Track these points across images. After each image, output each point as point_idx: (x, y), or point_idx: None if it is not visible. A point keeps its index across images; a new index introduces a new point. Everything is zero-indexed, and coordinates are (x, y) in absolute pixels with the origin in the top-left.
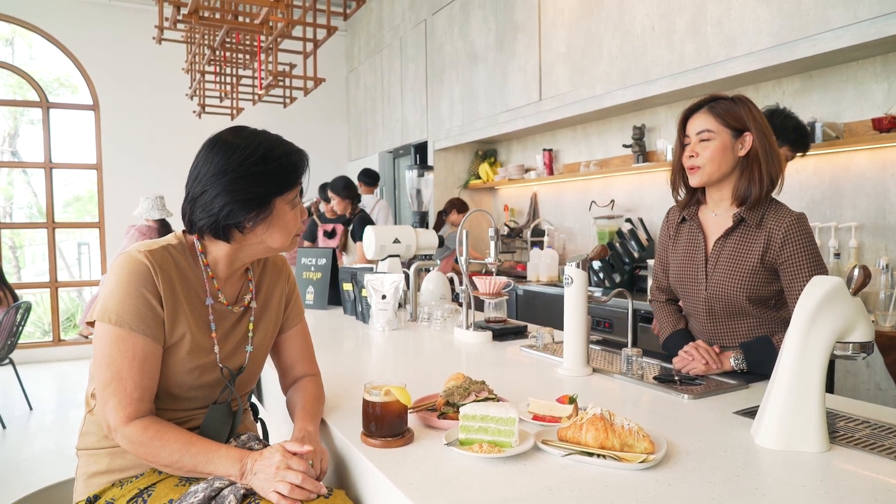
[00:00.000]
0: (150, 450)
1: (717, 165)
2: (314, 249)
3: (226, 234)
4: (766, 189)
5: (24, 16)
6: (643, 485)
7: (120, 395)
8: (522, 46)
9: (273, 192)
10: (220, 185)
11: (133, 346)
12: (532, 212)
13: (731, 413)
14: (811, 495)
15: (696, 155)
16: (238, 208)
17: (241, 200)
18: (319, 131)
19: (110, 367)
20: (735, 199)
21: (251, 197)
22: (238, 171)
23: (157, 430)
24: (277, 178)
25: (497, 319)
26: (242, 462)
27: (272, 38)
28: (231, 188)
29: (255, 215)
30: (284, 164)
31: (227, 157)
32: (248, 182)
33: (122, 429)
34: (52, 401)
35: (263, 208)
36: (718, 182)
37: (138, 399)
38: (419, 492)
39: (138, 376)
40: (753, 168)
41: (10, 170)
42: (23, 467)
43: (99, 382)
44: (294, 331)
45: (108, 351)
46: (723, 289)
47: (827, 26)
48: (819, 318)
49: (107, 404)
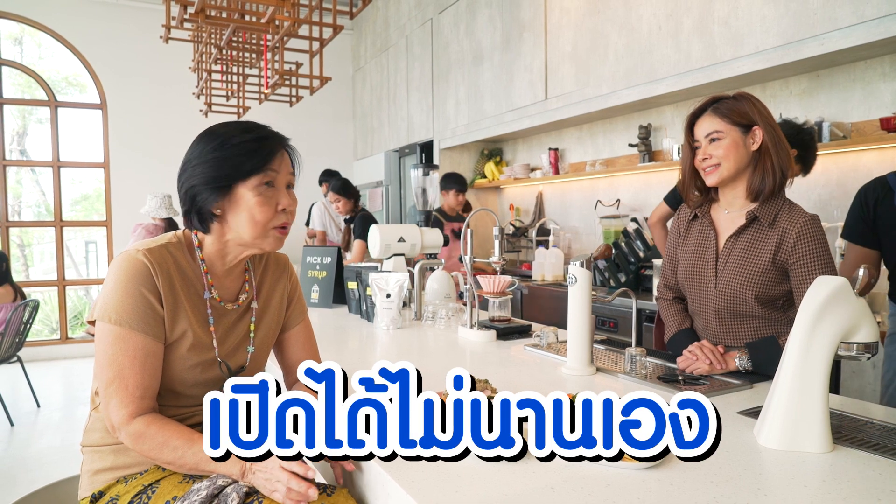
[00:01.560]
0: (153, 447)
1: (733, 162)
2: (319, 248)
3: (202, 223)
4: (780, 182)
5: (32, 15)
6: (645, 484)
7: (122, 393)
8: (528, 45)
9: (231, 175)
10: (189, 172)
11: (134, 344)
12: (537, 211)
13: (735, 413)
14: (813, 496)
15: (710, 156)
16: (200, 191)
17: (201, 184)
18: (325, 130)
19: (112, 365)
20: (749, 194)
21: (208, 180)
22: (200, 157)
23: (159, 428)
24: (234, 161)
25: (501, 318)
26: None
27: (278, 37)
28: (194, 173)
29: (218, 200)
30: (244, 149)
31: (197, 146)
32: (207, 167)
33: (126, 427)
34: (59, 398)
35: (224, 193)
36: (733, 181)
37: (140, 397)
38: (422, 490)
39: (140, 374)
40: (766, 161)
41: (19, 168)
42: (30, 464)
43: (101, 381)
44: (297, 329)
45: (109, 350)
46: (732, 287)
47: (834, 25)
48: (823, 319)
49: (109, 403)
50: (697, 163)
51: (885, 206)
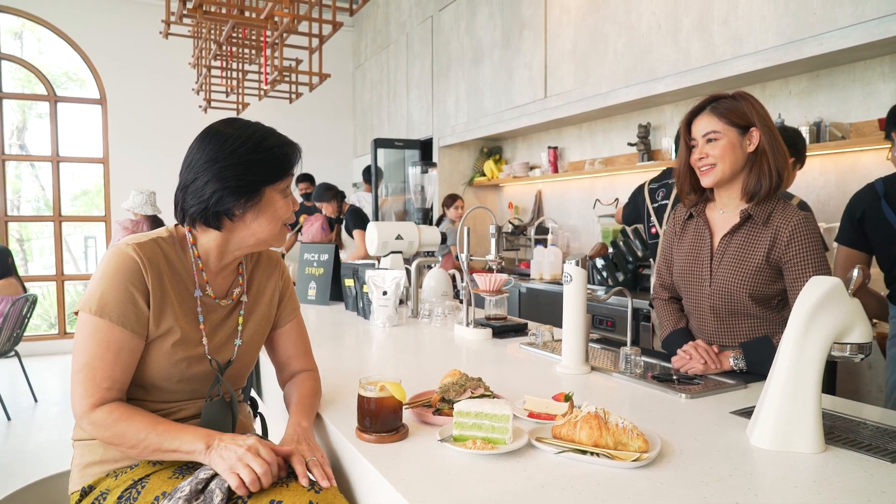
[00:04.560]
0: (116, 432)
1: (729, 163)
2: (316, 245)
3: (216, 222)
4: (776, 184)
5: (33, 10)
6: (635, 483)
7: (88, 383)
8: (528, 43)
9: (263, 180)
10: (211, 172)
11: (110, 336)
12: (536, 209)
13: (728, 413)
14: (803, 496)
15: (707, 156)
16: (228, 195)
17: (232, 187)
18: (325, 127)
19: (83, 354)
20: (745, 195)
21: (241, 184)
22: (230, 158)
23: (122, 413)
24: (268, 167)
25: (497, 317)
26: (210, 437)
27: (278, 33)
28: (222, 175)
29: (245, 202)
30: (276, 153)
31: (219, 146)
32: (239, 169)
33: (88, 415)
34: (56, 393)
35: (253, 196)
36: (729, 181)
37: (106, 388)
38: (411, 487)
39: (110, 367)
40: (762, 163)
41: (18, 163)
42: (27, 458)
43: (72, 370)
44: (289, 326)
45: (84, 340)
46: (726, 286)
47: (834, 25)
48: (817, 319)
49: (75, 392)
50: (693, 161)
51: (874, 211)
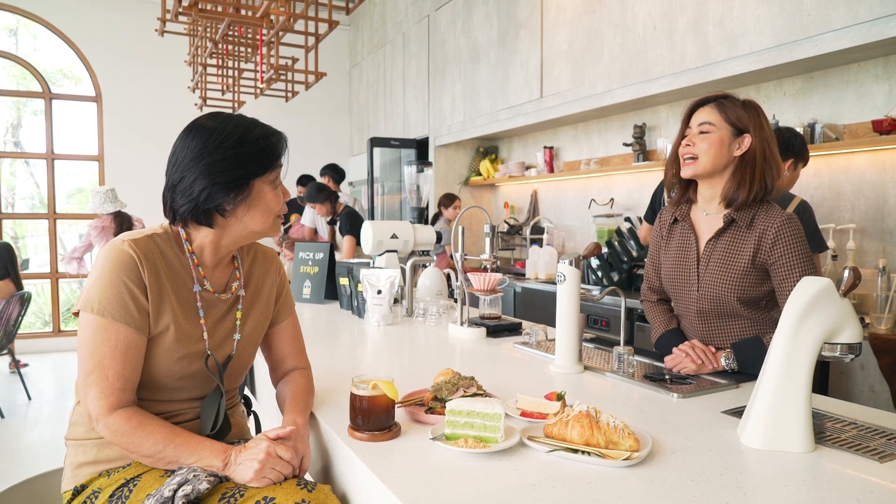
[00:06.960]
0: (133, 440)
1: (711, 158)
2: (311, 244)
3: (207, 219)
4: (756, 194)
5: (28, 7)
6: (626, 482)
7: (102, 384)
8: (524, 43)
9: (252, 173)
10: (198, 168)
11: (116, 335)
12: (532, 209)
13: (720, 412)
14: (793, 495)
15: (693, 144)
16: (217, 191)
17: (220, 183)
18: (321, 126)
19: (92, 356)
20: (723, 200)
21: (230, 179)
22: (215, 153)
23: (140, 421)
24: (255, 159)
25: (492, 316)
26: (226, 453)
27: (274, 31)
28: (209, 171)
29: (234, 197)
30: (262, 145)
31: (203, 141)
32: (226, 164)
33: (105, 419)
34: (50, 391)
35: (242, 189)
36: (710, 178)
37: (120, 389)
38: (403, 486)
39: (120, 366)
40: (746, 171)
41: (13, 160)
42: (21, 456)
43: (81, 372)
44: (284, 324)
45: (90, 340)
46: (714, 290)
47: (828, 27)
48: (807, 319)
49: (88, 394)
50: (680, 149)
51: None
